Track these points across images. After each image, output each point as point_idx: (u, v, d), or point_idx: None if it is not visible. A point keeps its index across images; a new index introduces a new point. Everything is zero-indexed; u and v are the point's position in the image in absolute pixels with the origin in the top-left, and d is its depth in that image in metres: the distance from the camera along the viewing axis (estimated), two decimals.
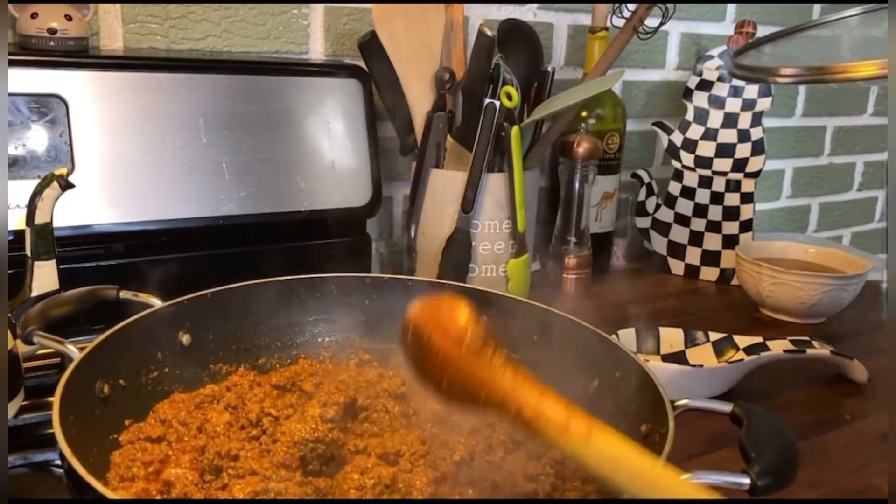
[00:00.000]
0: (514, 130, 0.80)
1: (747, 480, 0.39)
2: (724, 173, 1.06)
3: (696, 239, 1.09)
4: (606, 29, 0.99)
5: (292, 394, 0.56)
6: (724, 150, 1.06)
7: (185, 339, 0.56)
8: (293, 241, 0.82)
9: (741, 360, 0.71)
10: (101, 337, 0.47)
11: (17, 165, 0.67)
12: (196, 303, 0.56)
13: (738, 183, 1.06)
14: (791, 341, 0.74)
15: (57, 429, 0.37)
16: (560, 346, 0.56)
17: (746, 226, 1.07)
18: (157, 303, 0.55)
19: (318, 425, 0.47)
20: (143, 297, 0.52)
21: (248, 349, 0.60)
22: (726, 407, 0.45)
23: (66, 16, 0.70)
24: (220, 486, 0.44)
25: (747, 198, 1.06)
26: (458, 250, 0.81)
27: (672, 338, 0.77)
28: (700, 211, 1.08)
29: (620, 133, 1.04)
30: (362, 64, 0.84)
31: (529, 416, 0.36)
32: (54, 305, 0.49)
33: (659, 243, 1.11)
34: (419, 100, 0.83)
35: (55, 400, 0.38)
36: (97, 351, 0.46)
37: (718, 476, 0.39)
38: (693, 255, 1.09)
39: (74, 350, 0.44)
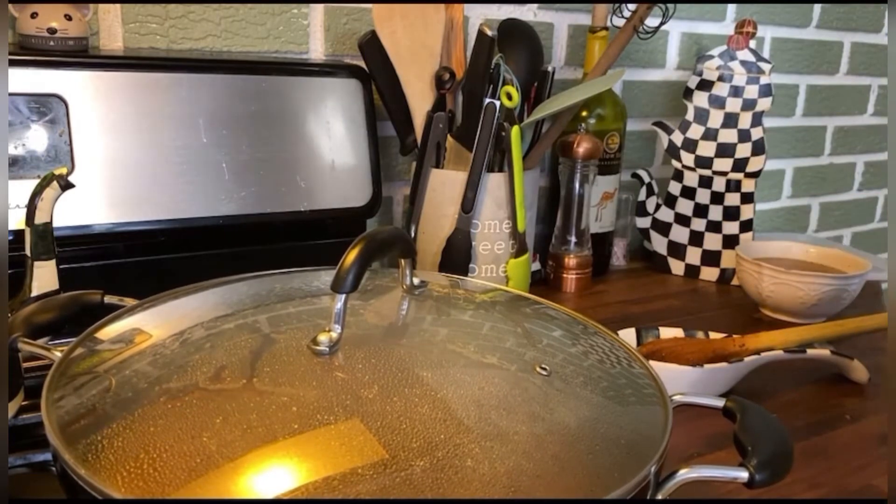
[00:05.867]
0: (514, 130, 0.80)
1: (745, 474, 0.39)
2: (724, 173, 1.06)
3: (696, 239, 1.09)
4: (606, 29, 1.00)
5: None
6: (725, 150, 1.06)
7: None
8: (293, 241, 0.82)
9: (741, 360, 0.71)
10: (77, 340, 0.46)
11: (16, 165, 0.67)
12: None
13: (739, 183, 1.06)
14: None
15: (49, 430, 0.36)
16: None
17: (746, 226, 1.07)
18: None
19: None
20: (128, 302, 0.52)
21: None
22: (719, 402, 0.45)
23: (66, 16, 0.70)
24: None
25: (747, 198, 1.06)
26: (458, 250, 0.81)
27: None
28: (700, 211, 1.08)
29: (620, 133, 1.04)
30: (362, 64, 0.84)
31: None
32: (38, 312, 0.48)
33: (659, 243, 1.11)
34: (419, 100, 0.83)
35: (42, 404, 0.38)
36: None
37: (716, 470, 0.40)
38: (693, 255, 1.09)
39: (59, 356, 0.44)
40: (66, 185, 0.61)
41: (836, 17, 1.38)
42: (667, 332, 0.77)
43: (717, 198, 1.07)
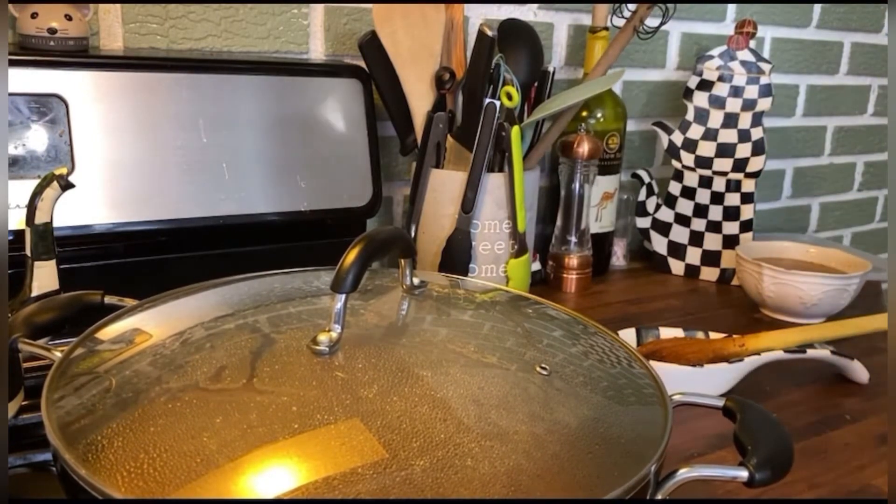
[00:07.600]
0: (515, 130, 0.80)
1: (745, 473, 0.39)
2: (724, 173, 1.06)
3: (696, 239, 1.09)
4: (607, 29, 1.00)
5: None
6: (725, 150, 1.06)
7: None
8: (293, 241, 0.82)
9: (741, 360, 0.71)
10: (77, 340, 0.46)
11: (17, 165, 0.67)
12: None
13: (739, 183, 1.06)
14: None
15: (49, 430, 0.36)
16: None
17: (746, 226, 1.07)
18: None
19: None
20: (128, 302, 0.52)
21: None
22: (719, 402, 0.45)
23: (66, 16, 0.70)
24: None
25: (747, 198, 1.06)
26: (458, 250, 0.81)
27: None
28: (700, 211, 1.08)
29: (621, 133, 1.04)
30: (362, 64, 0.84)
31: None
32: (38, 312, 0.48)
33: (659, 243, 1.11)
34: (419, 100, 0.83)
35: (42, 404, 0.38)
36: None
37: (716, 470, 0.40)
38: (693, 255, 1.09)
39: (59, 356, 0.44)
40: (66, 185, 0.61)
41: (836, 17, 1.38)
42: (667, 332, 0.77)
43: (717, 198, 1.07)
